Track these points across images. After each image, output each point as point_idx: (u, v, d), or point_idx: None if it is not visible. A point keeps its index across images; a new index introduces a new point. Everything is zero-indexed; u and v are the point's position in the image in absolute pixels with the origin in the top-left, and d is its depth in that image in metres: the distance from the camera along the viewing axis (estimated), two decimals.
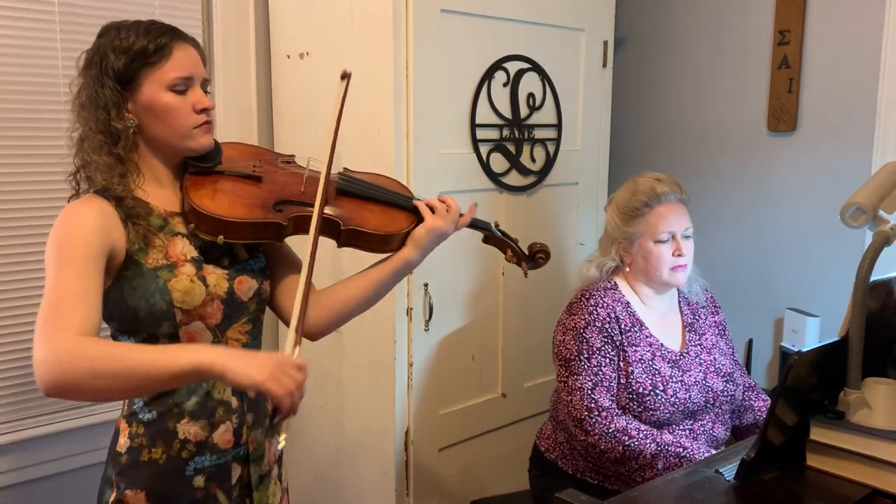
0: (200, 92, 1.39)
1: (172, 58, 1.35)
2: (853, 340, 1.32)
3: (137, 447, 1.38)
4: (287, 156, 1.58)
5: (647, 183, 1.99)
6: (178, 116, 1.36)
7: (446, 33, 2.21)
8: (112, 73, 1.33)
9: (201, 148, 1.40)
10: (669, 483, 1.32)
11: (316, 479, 2.57)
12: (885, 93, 2.42)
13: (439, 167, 2.25)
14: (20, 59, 2.07)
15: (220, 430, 1.41)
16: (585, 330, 1.92)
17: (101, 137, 1.34)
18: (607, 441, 1.83)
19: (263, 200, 1.42)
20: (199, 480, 1.40)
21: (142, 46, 1.34)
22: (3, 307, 2.11)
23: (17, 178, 2.10)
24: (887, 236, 1.33)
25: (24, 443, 2.16)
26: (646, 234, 1.96)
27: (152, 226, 1.36)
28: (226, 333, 1.43)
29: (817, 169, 2.62)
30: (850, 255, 2.47)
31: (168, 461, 1.38)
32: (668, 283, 1.97)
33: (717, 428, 1.98)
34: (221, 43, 2.44)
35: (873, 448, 1.26)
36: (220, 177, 1.43)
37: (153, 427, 1.38)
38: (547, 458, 2.08)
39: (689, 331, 2.04)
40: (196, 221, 1.37)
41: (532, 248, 1.68)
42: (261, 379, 1.19)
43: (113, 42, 1.35)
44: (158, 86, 1.34)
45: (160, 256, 1.35)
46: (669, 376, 1.92)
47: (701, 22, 2.91)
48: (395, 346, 2.22)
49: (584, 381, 1.88)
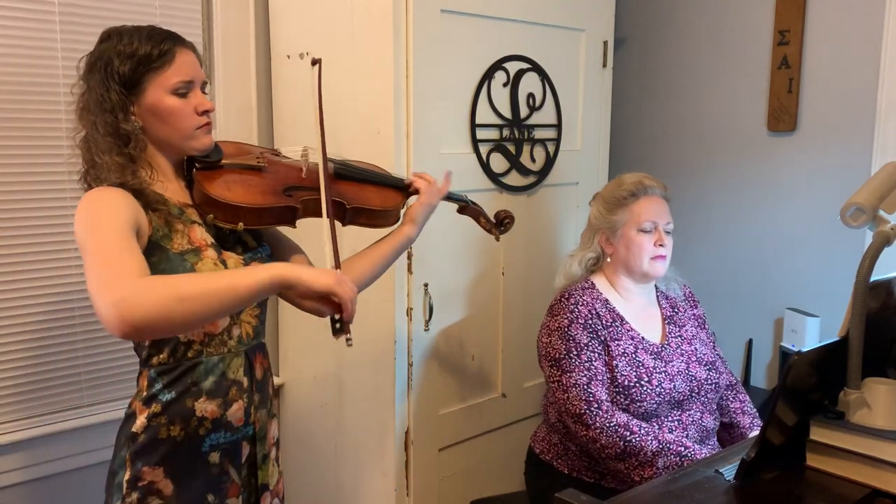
0: (201, 94, 1.46)
1: (175, 63, 1.41)
2: (853, 340, 1.32)
3: (156, 426, 1.43)
4: (273, 150, 1.68)
5: (634, 177, 2.06)
6: (181, 118, 1.43)
7: (446, 33, 2.21)
8: (118, 78, 1.39)
9: (203, 147, 1.47)
10: (669, 483, 1.32)
11: (316, 479, 2.57)
12: (885, 93, 2.42)
13: (439, 167, 2.24)
14: (20, 59, 2.07)
15: (233, 409, 1.48)
16: (570, 328, 1.94)
17: (111, 139, 1.39)
18: (608, 435, 1.83)
19: (273, 188, 1.51)
20: (214, 457, 1.48)
21: (146, 52, 1.40)
22: (3, 307, 2.11)
23: (18, 178, 2.10)
24: (887, 236, 1.33)
25: (25, 442, 2.16)
26: (629, 222, 2.01)
27: (172, 212, 1.43)
28: (240, 316, 1.51)
29: (817, 169, 2.62)
30: (850, 255, 2.47)
31: (186, 438, 1.44)
32: (647, 273, 2.00)
33: (706, 418, 1.99)
34: (221, 43, 2.44)
35: (873, 448, 1.26)
36: (227, 170, 1.51)
37: (172, 406, 1.43)
38: (542, 460, 2.08)
39: (668, 323, 2.07)
40: (214, 211, 1.44)
41: (497, 216, 1.89)
42: (331, 283, 1.33)
43: (117, 47, 1.40)
44: (162, 90, 1.41)
45: (184, 241, 1.41)
46: (653, 367, 1.94)
47: (701, 22, 2.91)
48: (395, 346, 2.22)
49: (577, 377, 1.89)
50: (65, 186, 2.16)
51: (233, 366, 1.49)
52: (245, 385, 1.51)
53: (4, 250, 2.10)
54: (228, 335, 1.48)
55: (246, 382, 1.51)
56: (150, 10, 2.24)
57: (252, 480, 1.56)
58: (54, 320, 2.19)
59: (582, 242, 2.15)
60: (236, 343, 1.49)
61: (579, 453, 1.99)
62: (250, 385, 1.52)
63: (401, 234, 1.71)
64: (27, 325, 2.15)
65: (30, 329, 2.16)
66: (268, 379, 1.60)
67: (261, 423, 1.55)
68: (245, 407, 1.50)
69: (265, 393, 1.58)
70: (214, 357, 1.46)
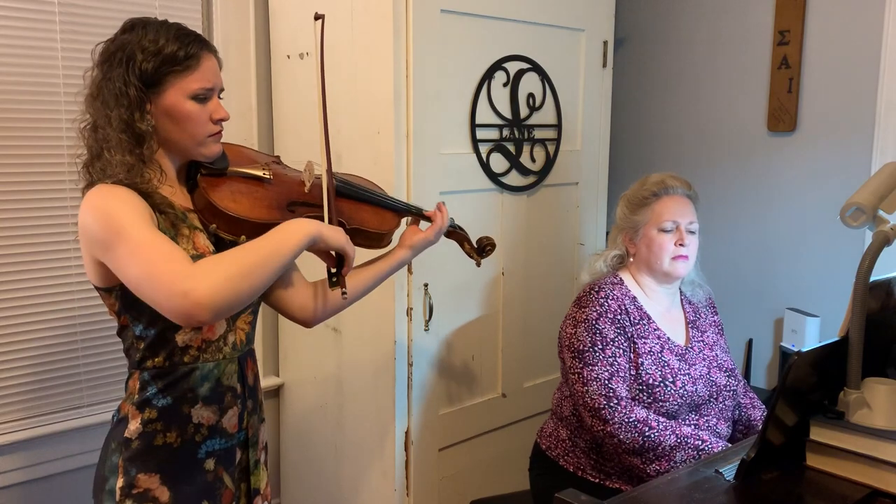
0: (219, 102, 1.43)
1: (200, 68, 1.38)
2: (853, 340, 1.32)
3: (151, 432, 1.40)
4: (274, 157, 1.64)
5: (658, 176, 2.05)
6: (196, 124, 1.39)
7: (446, 33, 2.21)
8: (139, 74, 1.34)
9: (212, 155, 1.44)
10: (669, 483, 1.32)
11: (316, 479, 2.57)
12: (885, 93, 2.42)
13: (439, 167, 2.25)
14: (20, 59, 2.07)
15: (228, 415, 1.47)
16: (598, 321, 1.94)
17: (124, 137, 1.34)
18: (627, 430, 1.83)
19: (278, 202, 1.48)
20: (209, 463, 1.46)
21: (172, 52, 1.35)
22: (3, 307, 2.11)
23: (18, 178, 2.10)
24: (887, 236, 1.33)
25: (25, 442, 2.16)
26: (650, 222, 2.00)
27: (178, 217, 1.40)
28: (235, 323, 1.49)
29: (817, 169, 2.62)
30: (850, 255, 2.48)
31: (182, 445, 1.42)
32: (668, 273, 1.99)
33: (721, 424, 1.99)
34: (221, 43, 2.44)
35: (873, 448, 1.26)
36: (233, 179, 1.47)
37: (168, 412, 1.41)
38: (548, 457, 2.08)
39: (691, 327, 2.07)
40: (217, 221, 1.42)
41: (480, 242, 1.84)
42: (343, 241, 1.42)
43: (142, 42, 1.35)
44: (182, 93, 1.37)
45: (189, 247, 1.38)
46: (678, 369, 1.95)
47: (701, 22, 2.91)
48: (395, 346, 2.22)
49: (599, 371, 1.89)
50: (65, 186, 2.16)
51: (227, 372, 1.47)
52: (239, 391, 1.49)
53: (4, 250, 2.10)
54: (224, 342, 1.46)
55: (240, 388, 1.50)
56: (150, 11, 2.24)
57: (242, 485, 1.55)
58: (54, 320, 2.19)
59: (608, 242, 2.15)
60: (231, 349, 1.47)
61: (587, 450, 1.99)
62: (243, 391, 1.51)
63: (396, 257, 1.68)
64: (27, 326, 2.15)
65: (30, 329, 2.16)
66: (258, 384, 1.59)
67: (253, 428, 1.55)
68: (239, 413, 1.50)
69: (256, 398, 1.57)
70: (210, 363, 1.44)
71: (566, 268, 2.71)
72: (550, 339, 2.69)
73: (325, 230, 1.39)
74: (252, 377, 1.55)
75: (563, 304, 2.72)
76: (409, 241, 1.70)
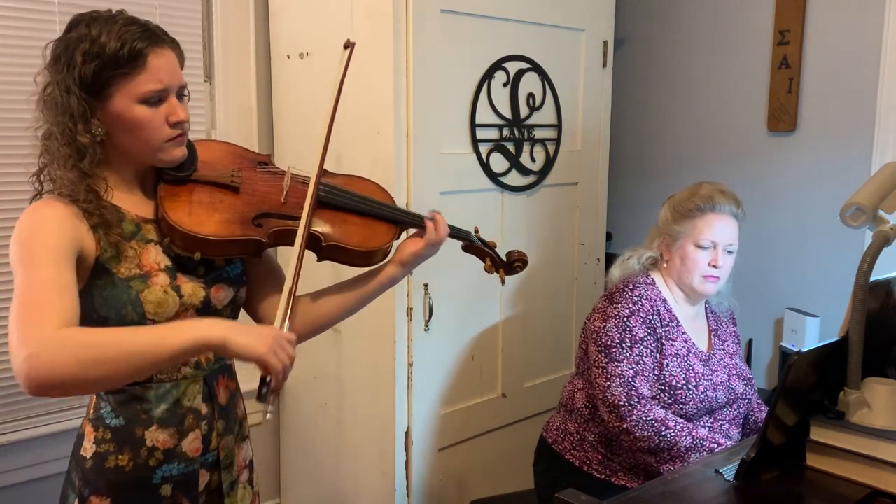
0: (175, 103, 1.29)
1: (147, 68, 1.24)
2: (853, 340, 1.32)
3: (103, 453, 1.32)
4: (263, 155, 1.51)
5: (710, 189, 2.02)
6: (150, 130, 1.27)
7: (446, 33, 2.21)
8: (79, 80, 1.22)
9: (173, 161, 1.32)
10: (670, 483, 1.32)
11: (316, 479, 2.57)
12: (885, 93, 2.42)
13: (439, 167, 2.25)
14: (20, 59, 2.07)
15: (188, 439, 1.36)
16: (630, 319, 1.94)
17: (67, 150, 1.24)
18: (644, 429, 1.84)
19: (242, 214, 1.35)
20: (165, 489, 1.35)
21: (113, 52, 1.22)
22: (3, 307, 2.11)
23: (18, 178, 2.10)
24: (887, 236, 1.33)
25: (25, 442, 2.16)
26: (689, 236, 1.99)
27: (125, 233, 1.29)
28: None
29: (817, 169, 2.62)
30: (850, 255, 2.47)
31: (135, 468, 1.32)
32: (696, 289, 1.99)
33: (733, 430, 2.01)
34: (221, 43, 2.44)
35: (873, 448, 1.26)
36: (196, 186, 1.35)
37: (120, 433, 1.32)
38: (554, 450, 2.08)
39: (714, 335, 2.09)
40: (172, 236, 1.31)
41: (510, 256, 1.64)
42: (262, 351, 1.18)
43: (82, 43, 1.23)
44: (130, 98, 1.24)
45: (133, 266, 1.28)
46: (701, 374, 1.96)
47: (701, 22, 2.91)
48: (395, 346, 2.22)
49: (624, 368, 1.89)
50: None
51: (189, 393, 1.35)
52: (204, 412, 1.37)
53: (4, 250, 2.10)
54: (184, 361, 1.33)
55: (205, 410, 1.38)
56: (150, 10, 2.24)
57: None
58: None
59: (646, 240, 2.13)
60: (193, 369, 1.36)
61: (595, 444, 1.99)
62: (211, 412, 1.39)
63: (385, 275, 1.50)
64: None
65: None
66: (235, 402, 1.46)
67: (227, 449, 1.42)
68: (203, 435, 1.38)
69: (231, 418, 1.44)
70: (166, 383, 1.33)
71: (566, 268, 2.71)
72: (550, 340, 2.69)
73: (234, 336, 1.17)
74: (226, 396, 1.42)
75: (564, 303, 2.72)
76: (401, 255, 1.50)
